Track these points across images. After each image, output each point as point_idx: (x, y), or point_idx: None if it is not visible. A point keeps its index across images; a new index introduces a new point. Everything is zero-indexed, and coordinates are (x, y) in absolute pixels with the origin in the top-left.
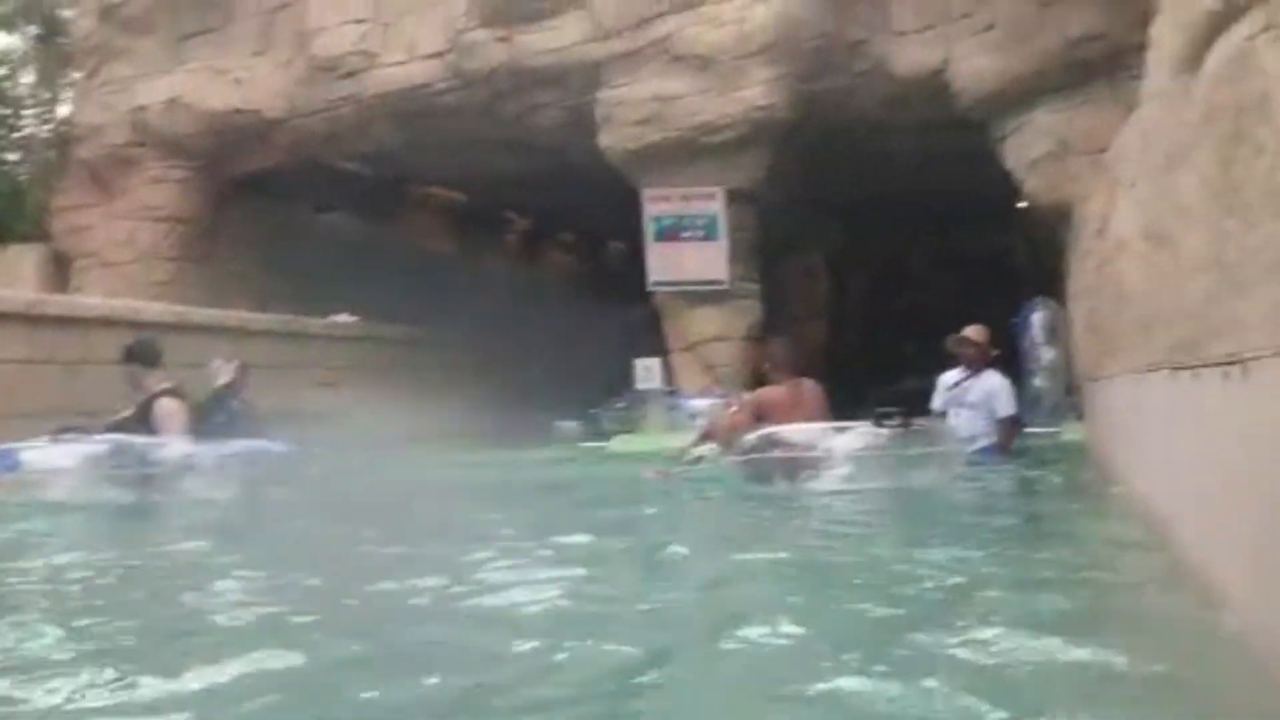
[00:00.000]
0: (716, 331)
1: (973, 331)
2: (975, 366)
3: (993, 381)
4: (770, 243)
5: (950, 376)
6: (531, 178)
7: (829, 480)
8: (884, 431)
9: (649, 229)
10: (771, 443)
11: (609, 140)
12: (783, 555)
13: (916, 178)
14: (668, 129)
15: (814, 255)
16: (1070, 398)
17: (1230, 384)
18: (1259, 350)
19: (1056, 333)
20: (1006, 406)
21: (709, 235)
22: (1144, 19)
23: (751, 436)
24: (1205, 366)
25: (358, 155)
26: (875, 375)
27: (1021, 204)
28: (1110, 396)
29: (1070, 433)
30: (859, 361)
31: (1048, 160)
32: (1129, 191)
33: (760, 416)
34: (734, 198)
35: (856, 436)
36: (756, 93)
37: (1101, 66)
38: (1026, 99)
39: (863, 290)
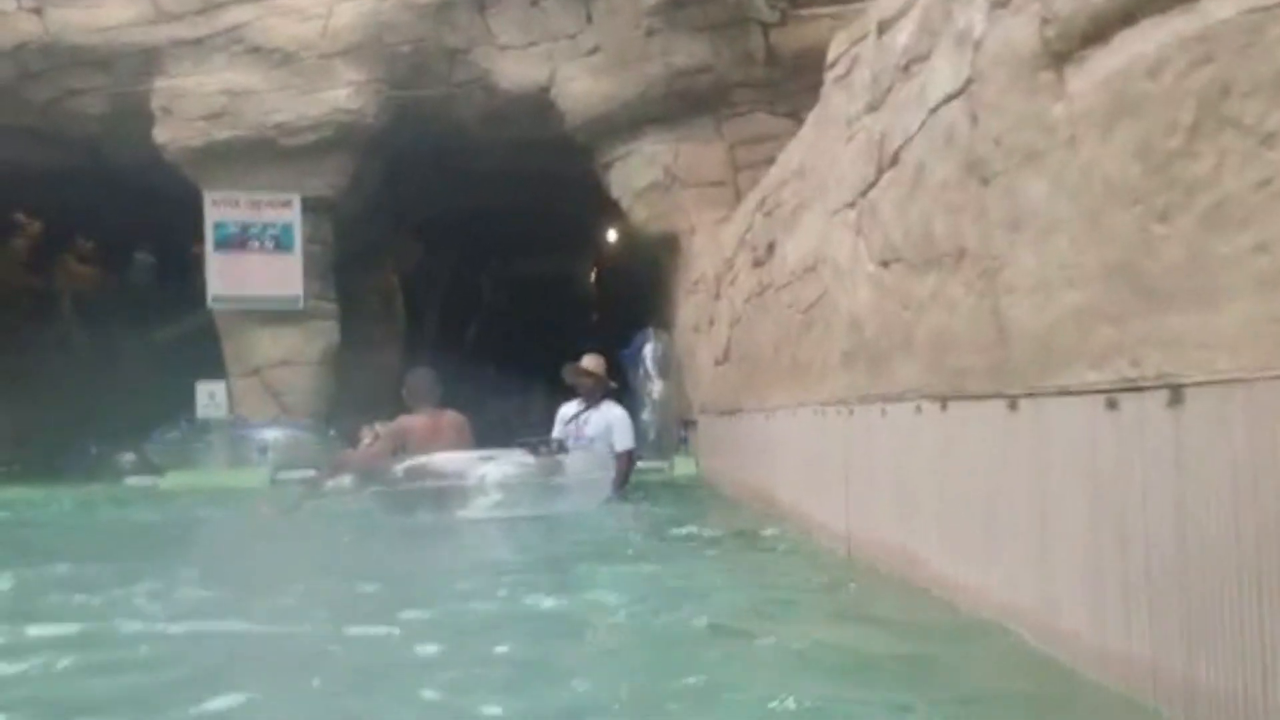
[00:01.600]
0: (285, 355)
1: (590, 361)
2: (593, 398)
3: (612, 413)
4: (345, 259)
5: (569, 409)
6: (57, 175)
7: (478, 509)
8: (532, 460)
9: (210, 236)
10: (421, 473)
11: (168, 135)
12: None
13: (506, 198)
14: (239, 127)
15: (390, 274)
16: (680, 432)
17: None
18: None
19: (667, 364)
20: (624, 440)
21: (282, 246)
22: (748, 57)
23: (401, 466)
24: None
25: None
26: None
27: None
28: (768, 429)
29: (681, 467)
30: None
31: (654, 190)
32: (835, 216)
33: (401, 446)
34: (311, 206)
35: (507, 465)
36: (342, 95)
37: (707, 100)
38: (633, 126)
39: (435, 314)
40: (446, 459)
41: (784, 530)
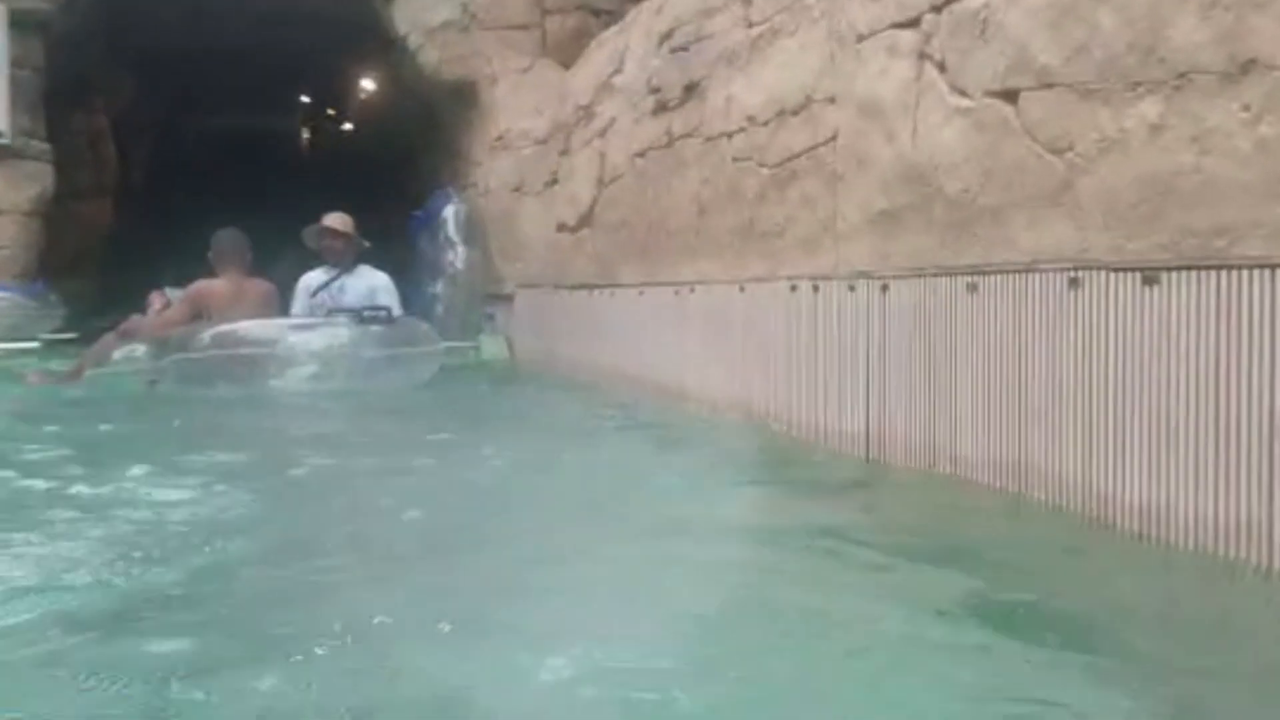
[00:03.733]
0: None
1: (336, 220)
2: (345, 262)
3: (376, 278)
4: (51, 91)
5: (313, 277)
6: None
7: (291, 380)
8: (354, 330)
9: None
10: (229, 340)
11: None
12: None
13: (246, 35)
14: None
15: (100, 115)
16: (486, 309)
17: None
18: None
19: (474, 230)
20: (393, 306)
21: None
22: None
23: (208, 333)
24: None
25: None
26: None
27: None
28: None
29: (490, 348)
30: (146, 252)
31: (449, 30)
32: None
33: (199, 313)
34: (18, 20)
35: (325, 333)
36: None
37: None
38: None
39: (146, 165)
40: (258, 325)
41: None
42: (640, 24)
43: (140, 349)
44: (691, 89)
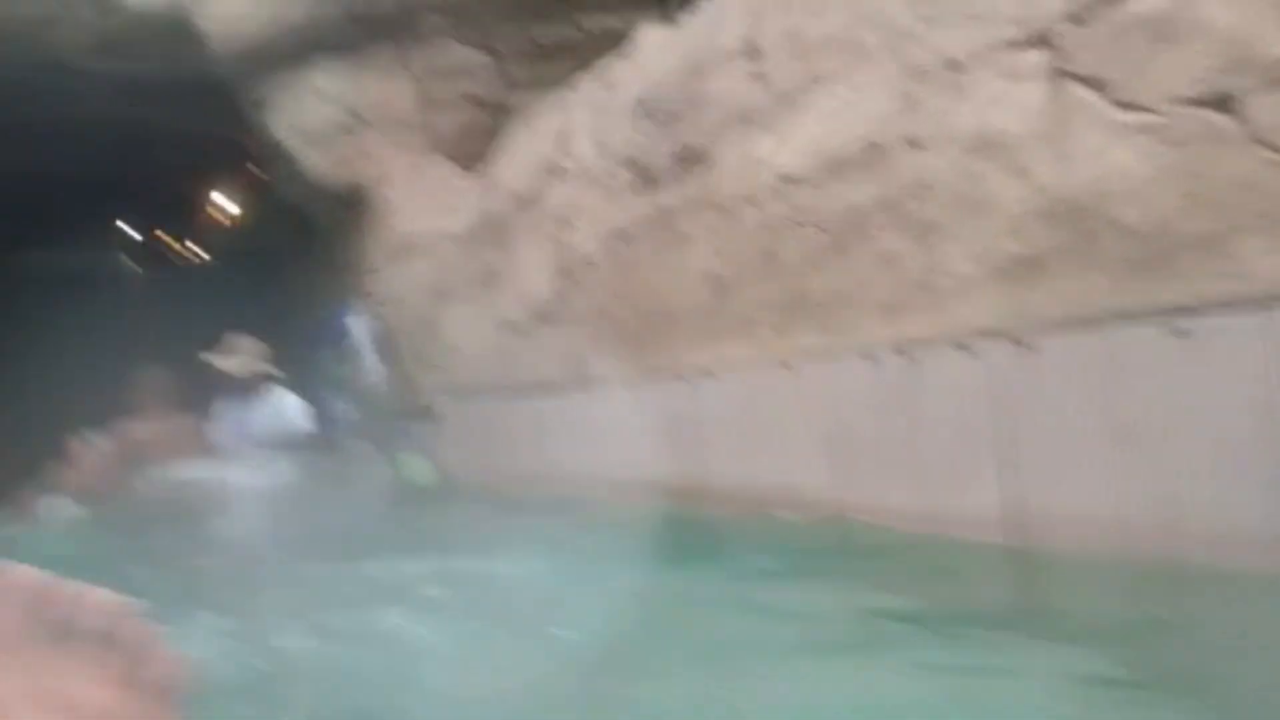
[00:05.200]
0: None
1: (244, 345)
2: (250, 388)
3: (286, 402)
4: None
5: (226, 407)
6: None
7: (234, 518)
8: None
9: None
10: (166, 483)
11: None
12: None
13: (109, 157)
14: None
15: None
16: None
17: None
18: None
19: (386, 342)
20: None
21: None
22: None
23: (153, 475)
24: None
25: None
26: None
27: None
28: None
29: (415, 467)
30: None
31: (333, 132)
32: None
33: (131, 457)
34: None
35: (251, 468)
36: None
37: (389, 25)
38: (299, 55)
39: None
40: (198, 465)
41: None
42: (587, 101)
43: (66, 502)
44: (687, 157)
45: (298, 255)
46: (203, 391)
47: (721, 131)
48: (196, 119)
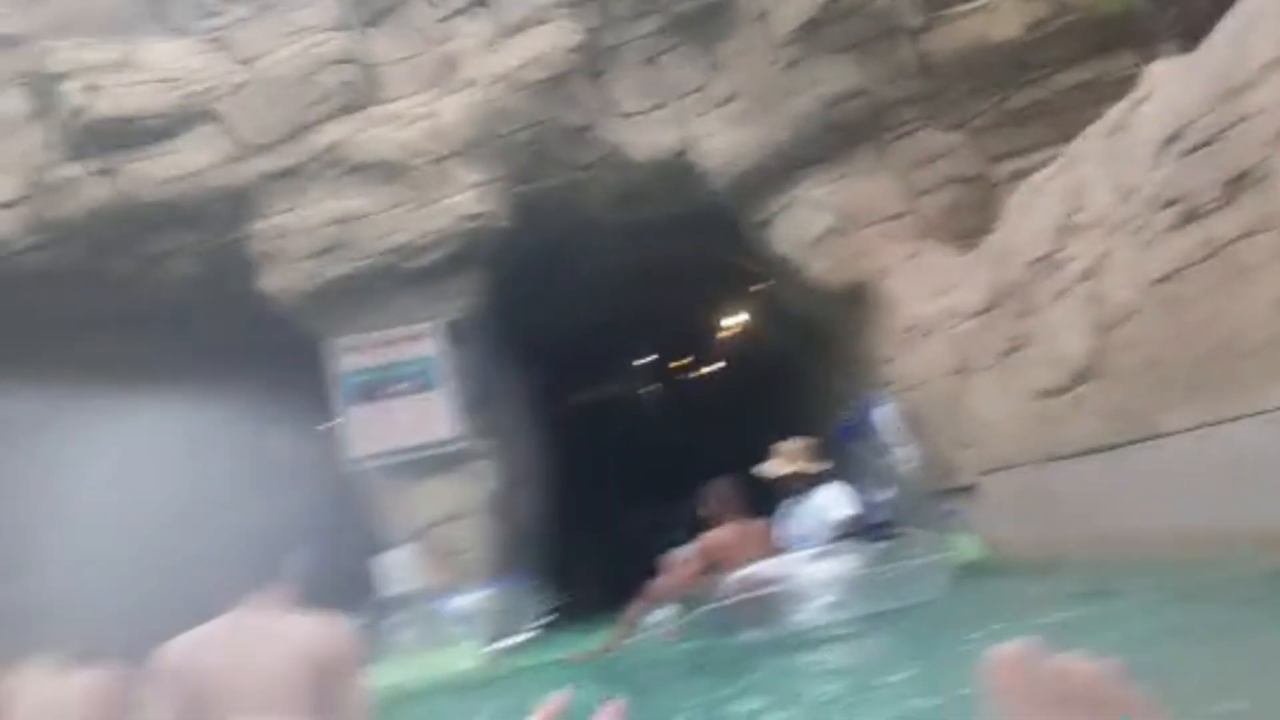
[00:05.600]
0: (448, 509)
1: (785, 452)
2: (801, 488)
3: (827, 494)
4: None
5: (783, 507)
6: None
7: (811, 613)
8: (861, 552)
9: (340, 390)
10: (752, 583)
11: (275, 283)
12: None
13: (630, 298)
14: (355, 257)
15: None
16: (943, 506)
17: None
18: None
19: (911, 427)
20: (837, 508)
21: (426, 385)
22: (901, 70)
23: (733, 578)
24: None
25: None
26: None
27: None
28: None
29: (969, 546)
30: (568, 536)
31: (830, 237)
32: None
33: (713, 564)
34: (449, 334)
35: (833, 562)
36: (467, 199)
37: (865, 127)
38: (788, 173)
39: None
40: (774, 564)
41: None
42: (1098, 152)
43: (663, 611)
44: (1237, 183)
45: (807, 358)
46: (760, 495)
47: (1275, 147)
48: (697, 250)
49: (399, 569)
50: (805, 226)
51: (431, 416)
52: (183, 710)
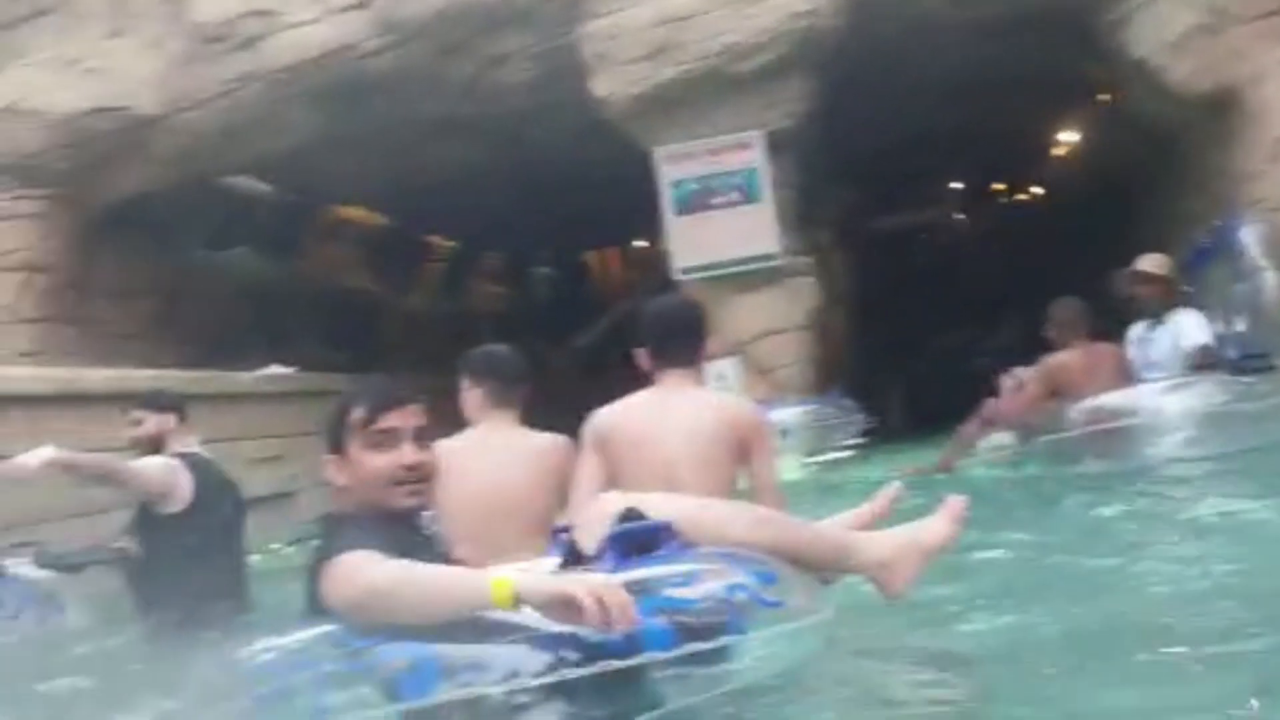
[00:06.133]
0: (768, 324)
1: (1149, 263)
2: (1155, 310)
3: (1183, 322)
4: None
5: (1135, 331)
6: (468, 180)
7: (1165, 448)
8: (1224, 385)
9: (668, 199)
10: (1098, 416)
11: (607, 87)
12: None
13: (959, 109)
14: (685, 59)
15: (824, 228)
16: None
17: None
18: None
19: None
20: (1193, 335)
21: (749, 197)
22: None
23: (1080, 408)
24: None
25: (261, 165)
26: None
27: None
28: None
29: None
30: (879, 354)
31: (1198, 36)
32: None
33: (1055, 389)
34: (773, 144)
35: (1192, 394)
36: None
37: None
38: None
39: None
40: (1123, 395)
41: None
42: None
43: (1004, 435)
44: None
45: (1154, 177)
46: (1107, 320)
47: None
48: (1041, 54)
49: (720, 381)
50: (1168, 24)
51: (754, 229)
52: (608, 470)
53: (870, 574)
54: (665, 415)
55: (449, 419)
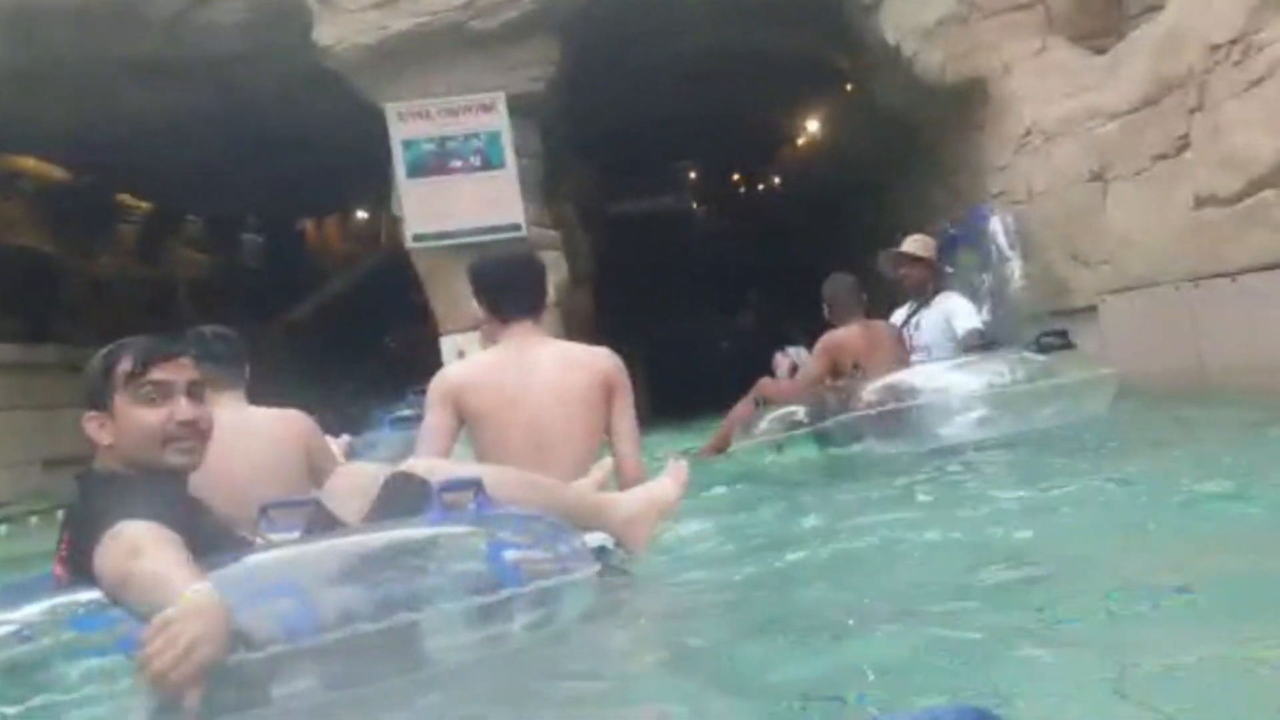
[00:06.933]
0: None
1: (914, 244)
2: (923, 293)
3: (949, 304)
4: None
5: (899, 315)
6: (174, 131)
7: (955, 429)
8: (1014, 365)
9: (399, 159)
10: (890, 395)
11: (332, 34)
12: None
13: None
14: (420, 11)
15: (567, 203)
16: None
17: None
18: None
19: (1027, 240)
20: (966, 319)
21: (490, 162)
22: None
23: (870, 388)
24: None
25: None
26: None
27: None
28: None
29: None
30: (632, 336)
31: (949, 26)
32: None
33: (836, 368)
34: (516, 108)
35: (983, 372)
36: None
37: None
38: None
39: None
40: (917, 373)
41: None
42: None
43: (782, 412)
44: None
45: (900, 166)
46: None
47: None
48: (789, 43)
49: (463, 356)
50: (921, 11)
51: (498, 198)
52: (460, 426)
53: (616, 531)
54: (531, 372)
55: None
